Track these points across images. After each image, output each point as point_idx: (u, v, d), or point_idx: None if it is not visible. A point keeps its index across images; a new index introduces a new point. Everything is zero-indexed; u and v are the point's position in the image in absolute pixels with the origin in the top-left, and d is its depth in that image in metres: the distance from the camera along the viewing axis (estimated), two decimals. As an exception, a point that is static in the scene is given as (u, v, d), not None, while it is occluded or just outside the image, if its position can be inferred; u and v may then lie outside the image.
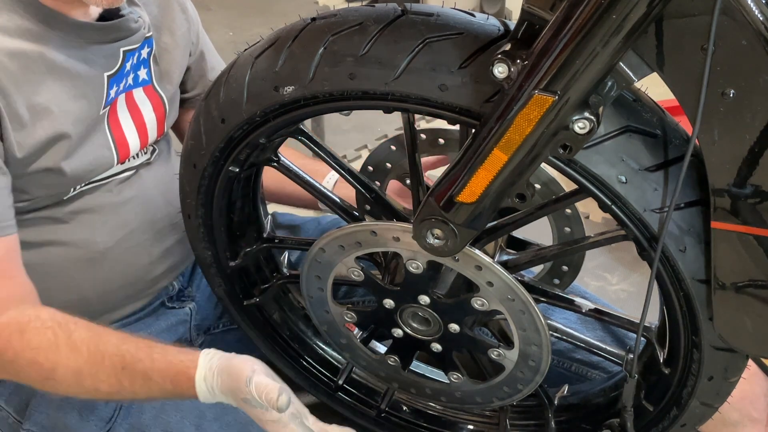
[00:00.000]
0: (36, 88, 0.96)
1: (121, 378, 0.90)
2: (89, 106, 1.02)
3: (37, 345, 0.90)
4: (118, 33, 1.03)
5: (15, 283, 0.95)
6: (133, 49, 1.06)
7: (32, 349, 0.90)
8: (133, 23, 1.05)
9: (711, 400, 0.88)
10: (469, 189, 0.75)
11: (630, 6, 0.60)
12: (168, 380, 0.88)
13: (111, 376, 0.90)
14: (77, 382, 0.91)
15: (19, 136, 0.95)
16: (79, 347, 0.90)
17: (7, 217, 0.95)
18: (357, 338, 1.05)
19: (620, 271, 1.81)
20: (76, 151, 1.01)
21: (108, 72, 1.04)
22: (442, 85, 0.74)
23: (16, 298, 0.94)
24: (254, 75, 0.84)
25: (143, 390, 0.89)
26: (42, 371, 0.91)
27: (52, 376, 0.91)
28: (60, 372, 0.90)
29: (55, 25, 0.97)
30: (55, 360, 0.90)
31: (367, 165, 1.11)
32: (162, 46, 1.14)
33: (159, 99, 1.15)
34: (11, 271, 0.96)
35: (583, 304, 0.94)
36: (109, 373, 0.89)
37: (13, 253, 0.96)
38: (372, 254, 0.96)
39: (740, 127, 0.64)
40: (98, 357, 0.90)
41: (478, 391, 1.03)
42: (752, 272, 0.71)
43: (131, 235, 1.13)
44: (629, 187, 0.74)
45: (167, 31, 1.15)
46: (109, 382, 0.90)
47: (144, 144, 1.13)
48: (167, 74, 1.16)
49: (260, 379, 0.85)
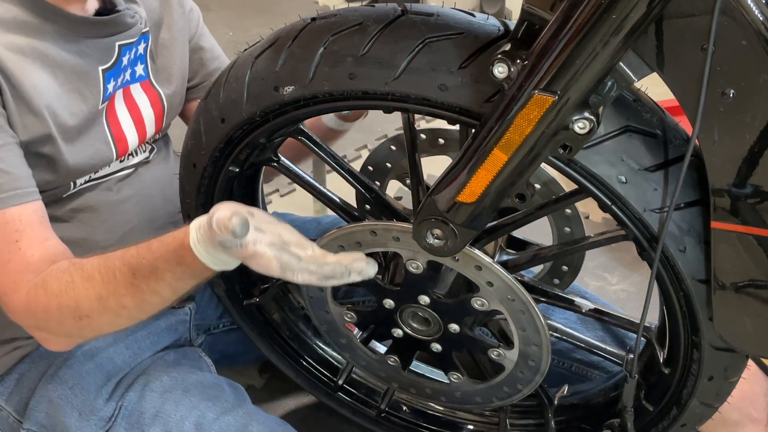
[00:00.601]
0: (36, 79, 0.96)
1: (136, 283, 0.89)
2: (84, 100, 1.02)
3: (58, 289, 0.91)
4: (114, 28, 1.04)
5: (46, 246, 0.96)
6: (129, 43, 1.06)
7: (56, 296, 0.91)
8: (129, 18, 1.05)
9: (711, 400, 0.88)
10: (469, 189, 0.75)
11: (630, 6, 0.60)
12: (173, 260, 0.87)
13: (128, 285, 0.89)
14: (103, 307, 0.91)
15: (26, 119, 0.95)
16: (92, 275, 0.91)
17: (31, 183, 0.96)
18: (357, 338, 1.05)
19: (620, 271, 1.81)
20: (74, 144, 1.01)
21: (103, 66, 1.04)
22: (442, 85, 0.74)
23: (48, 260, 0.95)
24: (254, 75, 0.84)
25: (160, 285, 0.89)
26: (71, 312, 0.91)
27: (81, 313, 0.91)
28: (84, 304, 0.90)
29: (52, 18, 0.98)
30: (76, 295, 0.90)
31: (367, 165, 1.11)
32: (160, 42, 1.14)
33: (156, 95, 1.15)
34: (43, 234, 0.97)
35: (583, 304, 0.94)
36: (125, 284, 0.89)
37: (44, 218, 0.97)
38: (372, 254, 0.96)
39: (740, 127, 0.64)
40: (110, 275, 0.90)
41: (478, 391, 1.03)
42: (752, 272, 0.71)
43: (131, 233, 1.13)
44: (629, 187, 0.74)
45: (166, 27, 1.15)
46: (129, 292, 0.90)
47: (142, 139, 1.13)
48: (165, 70, 1.16)
49: (219, 214, 0.80)
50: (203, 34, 1.27)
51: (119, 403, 1.03)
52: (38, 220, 0.96)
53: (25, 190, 0.94)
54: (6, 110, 0.94)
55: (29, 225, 0.94)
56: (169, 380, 1.05)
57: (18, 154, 0.95)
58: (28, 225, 0.94)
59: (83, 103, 1.02)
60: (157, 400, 1.02)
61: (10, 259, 0.93)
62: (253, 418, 1.02)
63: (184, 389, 1.04)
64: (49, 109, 0.97)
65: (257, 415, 1.04)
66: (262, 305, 1.15)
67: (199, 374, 1.09)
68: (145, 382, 1.05)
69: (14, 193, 0.93)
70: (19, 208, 0.93)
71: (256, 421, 1.02)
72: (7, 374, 1.10)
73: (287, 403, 1.38)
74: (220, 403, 1.03)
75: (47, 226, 0.97)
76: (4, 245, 0.93)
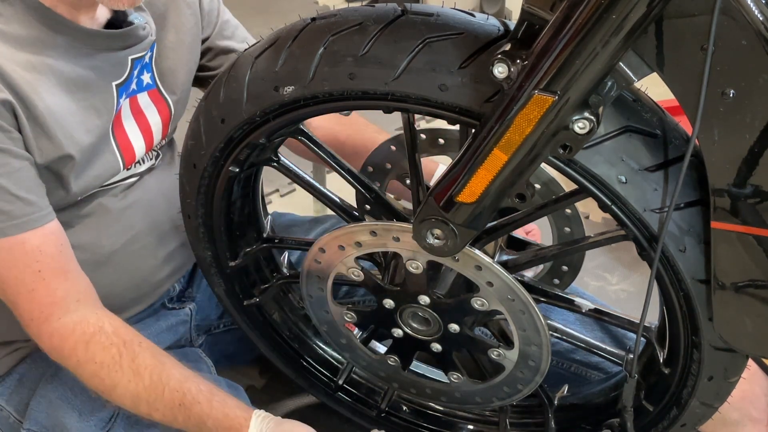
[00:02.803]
0: (50, 98, 0.95)
1: (176, 413, 0.94)
2: (98, 116, 1.01)
3: (101, 361, 0.93)
4: (126, 41, 1.02)
5: (71, 279, 0.97)
6: (140, 56, 1.05)
7: (96, 364, 0.94)
8: (141, 30, 1.03)
9: (711, 400, 0.88)
10: (469, 189, 0.75)
11: (630, 6, 0.60)
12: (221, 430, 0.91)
13: (167, 408, 0.93)
14: (134, 405, 0.95)
15: (41, 142, 0.94)
16: (142, 373, 0.94)
17: (45, 205, 0.96)
18: (357, 338, 1.05)
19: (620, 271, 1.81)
20: (88, 161, 1.01)
21: (116, 81, 1.03)
22: (442, 85, 0.74)
23: (74, 296, 0.96)
24: (254, 75, 0.83)
25: (193, 430, 0.93)
26: (102, 386, 0.95)
27: (111, 393, 0.95)
28: (119, 392, 0.94)
29: (63, 31, 0.96)
30: (117, 380, 0.93)
31: (367, 165, 1.11)
32: (167, 45, 1.12)
33: (164, 102, 1.13)
34: (66, 265, 0.97)
35: (583, 304, 0.94)
36: (166, 405, 0.93)
37: (63, 245, 0.97)
38: (372, 254, 0.96)
39: (740, 127, 0.64)
40: (159, 387, 0.94)
41: (478, 391, 1.02)
42: (752, 272, 0.71)
43: (136, 238, 1.13)
44: (629, 187, 0.74)
45: (173, 29, 1.13)
46: (164, 412, 0.94)
47: (149, 147, 1.12)
48: (172, 74, 1.13)
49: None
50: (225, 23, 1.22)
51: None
52: (57, 249, 0.96)
53: (38, 214, 0.95)
54: (21, 133, 0.93)
55: (50, 255, 0.95)
56: (170, 380, 1.05)
57: (32, 176, 0.95)
58: (48, 255, 0.95)
59: (98, 118, 1.01)
60: (157, 400, 1.02)
61: (35, 288, 0.94)
62: (253, 419, 1.02)
63: (184, 390, 1.04)
64: (64, 130, 0.96)
65: (257, 416, 1.04)
66: (262, 305, 1.14)
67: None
68: (145, 383, 1.05)
69: (27, 219, 0.93)
70: (34, 233, 0.94)
71: (256, 422, 1.02)
72: (7, 374, 1.10)
73: (287, 403, 1.37)
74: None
75: (68, 254, 0.98)
76: (28, 275, 0.94)
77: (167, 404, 0.94)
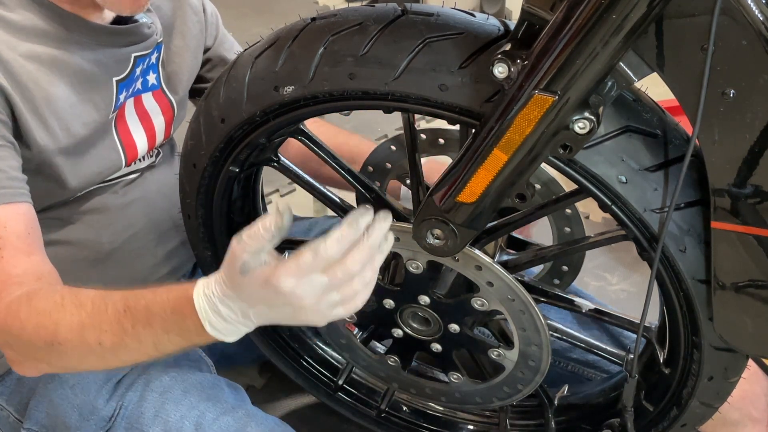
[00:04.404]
0: (51, 89, 0.96)
1: (123, 321, 0.82)
2: (97, 110, 1.02)
3: (44, 308, 0.84)
4: (131, 38, 1.04)
5: (33, 260, 0.90)
6: (144, 54, 1.06)
7: (38, 314, 0.84)
8: (146, 29, 1.05)
9: (711, 400, 0.88)
10: (469, 189, 0.75)
11: (630, 6, 0.60)
12: (169, 308, 0.81)
13: (114, 322, 0.83)
14: (80, 338, 0.84)
15: (38, 131, 0.95)
16: (84, 302, 0.85)
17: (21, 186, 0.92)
18: (357, 338, 1.05)
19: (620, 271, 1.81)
20: (84, 156, 1.01)
21: (117, 77, 1.04)
22: (442, 85, 0.74)
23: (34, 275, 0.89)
24: (254, 75, 0.84)
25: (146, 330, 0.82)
26: (46, 334, 0.84)
27: (56, 339, 0.84)
28: (63, 330, 0.84)
29: (71, 27, 0.97)
30: (59, 318, 0.84)
31: (367, 165, 1.11)
32: (173, 49, 1.14)
33: (168, 103, 1.15)
34: (31, 247, 0.90)
35: (583, 304, 0.94)
36: (111, 319, 0.83)
37: (32, 230, 0.91)
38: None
39: (740, 127, 0.64)
40: (102, 307, 0.84)
41: (478, 391, 1.03)
42: (752, 272, 0.71)
43: (136, 236, 1.13)
44: (629, 187, 0.74)
45: (179, 34, 1.15)
46: (112, 330, 0.83)
47: (151, 146, 1.14)
48: (176, 76, 1.16)
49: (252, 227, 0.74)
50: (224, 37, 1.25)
51: (119, 403, 1.03)
52: (25, 230, 0.90)
53: (12, 191, 0.90)
54: (17, 121, 0.92)
55: (14, 233, 0.89)
56: (169, 380, 1.05)
57: (12, 157, 0.92)
58: (13, 233, 0.89)
59: (96, 112, 1.02)
60: (157, 400, 1.02)
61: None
62: (252, 419, 1.02)
63: (183, 389, 1.04)
64: (61, 121, 0.96)
65: (256, 416, 1.04)
66: (262, 305, 1.14)
67: (198, 375, 1.09)
68: (145, 382, 1.05)
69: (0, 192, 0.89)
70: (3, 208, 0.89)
71: (255, 422, 1.02)
72: (7, 374, 1.10)
73: (287, 403, 1.38)
74: (219, 403, 1.03)
75: (36, 239, 0.92)
76: None
77: (112, 318, 0.82)
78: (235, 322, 0.78)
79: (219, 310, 0.77)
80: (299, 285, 0.72)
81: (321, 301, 0.74)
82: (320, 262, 0.72)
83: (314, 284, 0.73)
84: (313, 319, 0.76)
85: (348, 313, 0.77)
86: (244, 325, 0.79)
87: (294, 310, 0.75)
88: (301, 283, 0.72)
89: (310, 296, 0.73)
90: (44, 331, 0.84)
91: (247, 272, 0.74)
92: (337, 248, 0.72)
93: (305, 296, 0.73)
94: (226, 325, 0.78)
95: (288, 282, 0.72)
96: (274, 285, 0.73)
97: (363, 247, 0.74)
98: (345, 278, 0.73)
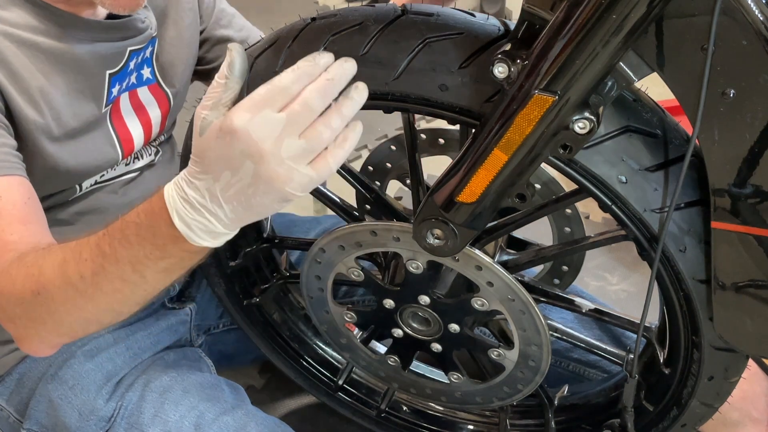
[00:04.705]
0: (44, 78, 0.96)
1: (101, 244, 0.78)
2: (87, 103, 1.02)
3: (31, 261, 0.81)
4: (125, 32, 1.03)
5: (30, 229, 0.86)
6: (138, 48, 1.06)
7: (26, 266, 0.81)
8: (140, 23, 1.05)
9: (711, 400, 0.88)
10: (469, 189, 0.75)
11: (630, 6, 0.60)
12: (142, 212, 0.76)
13: (93, 247, 0.78)
14: (62, 275, 0.79)
15: (32, 113, 0.94)
16: (69, 243, 0.81)
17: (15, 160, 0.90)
18: (357, 338, 1.05)
19: (620, 271, 1.81)
20: (76, 144, 1.01)
21: (111, 70, 1.04)
22: (442, 85, 0.74)
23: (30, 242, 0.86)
24: (254, 75, 0.83)
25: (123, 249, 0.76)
26: (33, 283, 0.80)
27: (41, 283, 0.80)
28: (47, 271, 0.80)
29: (65, 25, 0.97)
30: (43, 262, 0.80)
31: (367, 165, 1.11)
32: (167, 40, 1.13)
33: (165, 96, 1.15)
34: (28, 216, 0.87)
35: (584, 304, 0.94)
36: (92, 246, 0.78)
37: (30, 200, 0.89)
38: (372, 254, 0.96)
39: (740, 127, 0.64)
40: (84, 239, 0.80)
41: (478, 391, 1.03)
42: (752, 272, 0.71)
43: None
44: (629, 187, 0.74)
45: (172, 25, 1.14)
46: (91, 257, 0.78)
47: (148, 139, 1.13)
48: (171, 67, 1.15)
49: None
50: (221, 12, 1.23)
51: (119, 403, 1.03)
52: (21, 199, 0.87)
53: (8, 164, 0.88)
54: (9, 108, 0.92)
55: (10, 202, 0.86)
56: (169, 380, 1.05)
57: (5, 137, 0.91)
58: (9, 202, 0.86)
59: (87, 105, 1.02)
60: (156, 400, 1.02)
61: None
62: (252, 419, 1.02)
63: (183, 389, 1.04)
64: (53, 110, 0.97)
65: (256, 416, 1.04)
66: (262, 305, 1.15)
67: (198, 375, 1.09)
68: (145, 383, 1.05)
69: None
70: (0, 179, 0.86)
71: (255, 422, 1.02)
72: (7, 374, 1.10)
73: (287, 403, 1.38)
74: (219, 403, 1.03)
75: (34, 209, 0.90)
76: None
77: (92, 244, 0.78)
78: (203, 209, 0.71)
79: (186, 194, 0.71)
80: (254, 120, 0.65)
81: (282, 145, 0.66)
82: (275, 94, 0.66)
83: (270, 121, 0.66)
84: (279, 175, 0.67)
85: (319, 175, 0.68)
86: (214, 215, 0.71)
87: (255, 165, 0.67)
88: (255, 119, 0.65)
89: (267, 135, 0.65)
90: (30, 280, 0.81)
91: (205, 129, 0.69)
92: (292, 77, 0.66)
93: (261, 136, 0.65)
94: (196, 216, 0.71)
95: (240, 117, 0.66)
96: (227, 126, 0.66)
97: (320, 80, 0.67)
98: (303, 113, 0.66)
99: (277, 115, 0.66)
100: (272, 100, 0.66)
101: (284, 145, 0.66)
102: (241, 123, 0.66)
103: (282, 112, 0.66)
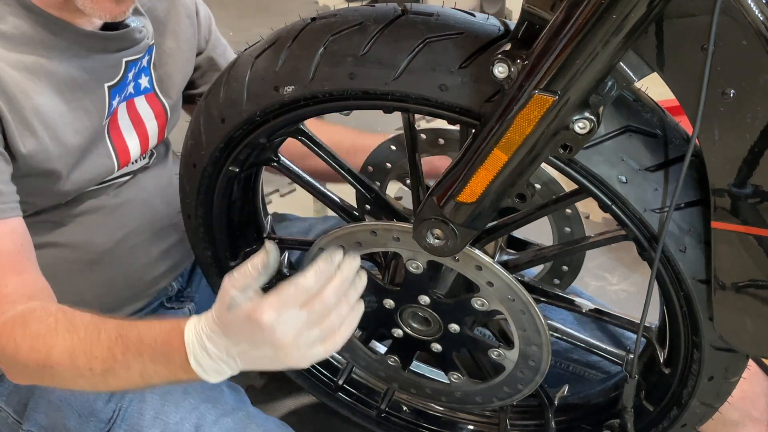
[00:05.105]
0: (40, 98, 0.95)
1: (114, 349, 0.84)
2: (89, 117, 1.01)
3: (37, 332, 0.86)
4: (122, 43, 1.03)
5: (25, 278, 0.91)
6: (135, 59, 1.06)
7: (32, 337, 0.86)
8: (138, 33, 1.04)
9: (711, 400, 0.88)
10: (469, 189, 0.75)
11: (630, 6, 0.60)
12: (160, 339, 0.82)
13: (105, 349, 0.84)
14: (72, 362, 0.85)
15: (28, 141, 0.94)
16: (78, 327, 0.86)
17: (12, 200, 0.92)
18: (357, 338, 1.05)
19: (620, 271, 1.81)
20: (78, 164, 1.01)
21: (109, 83, 1.03)
22: (442, 85, 0.74)
23: (25, 293, 0.90)
24: (254, 75, 0.83)
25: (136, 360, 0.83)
26: (39, 357, 0.86)
27: (49, 362, 0.86)
28: (55, 354, 0.85)
29: (60, 33, 0.96)
30: (52, 343, 0.86)
31: (367, 165, 1.11)
32: (165, 51, 1.13)
33: (161, 106, 1.14)
34: (22, 264, 0.91)
35: (584, 304, 0.94)
36: (103, 346, 0.84)
37: (23, 246, 0.92)
38: (372, 254, 0.96)
39: (740, 127, 0.64)
40: (95, 333, 0.85)
41: (478, 391, 1.02)
42: (752, 272, 0.71)
43: (130, 236, 1.13)
44: (629, 187, 0.74)
45: (171, 36, 1.14)
46: (102, 356, 0.84)
47: (144, 150, 1.13)
48: (169, 79, 1.15)
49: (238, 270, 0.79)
50: (217, 41, 1.25)
51: (119, 405, 1.03)
52: (15, 248, 0.91)
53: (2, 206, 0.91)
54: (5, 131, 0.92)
55: (3, 252, 0.90)
56: (169, 381, 1.05)
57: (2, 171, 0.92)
58: (2, 252, 0.90)
59: (88, 120, 1.01)
60: (156, 401, 1.02)
61: None
62: (252, 420, 1.02)
63: (183, 391, 1.04)
64: (50, 130, 0.96)
65: (256, 417, 1.04)
66: (262, 305, 1.14)
67: (198, 375, 1.09)
68: (145, 383, 1.05)
69: None
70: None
71: (255, 423, 1.02)
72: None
73: (287, 403, 1.37)
74: (219, 405, 1.03)
75: (27, 256, 0.93)
76: None
77: (104, 345, 0.84)
78: (219, 360, 0.80)
79: (205, 346, 0.80)
80: (280, 319, 0.76)
81: (300, 338, 0.77)
82: (300, 294, 0.77)
83: (293, 319, 0.76)
84: (293, 359, 0.79)
85: (327, 352, 0.80)
86: (228, 365, 0.81)
87: (275, 350, 0.77)
88: (282, 317, 0.76)
89: (290, 332, 0.76)
90: (37, 355, 0.86)
91: (234, 308, 0.78)
92: (314, 279, 0.77)
93: (285, 332, 0.76)
94: (211, 363, 0.80)
95: (269, 315, 0.76)
96: (256, 319, 0.76)
97: (337, 280, 0.79)
98: (322, 311, 0.77)
99: (300, 313, 0.77)
100: (297, 299, 0.77)
101: (303, 337, 0.77)
102: (268, 321, 0.76)
103: (303, 309, 0.77)
